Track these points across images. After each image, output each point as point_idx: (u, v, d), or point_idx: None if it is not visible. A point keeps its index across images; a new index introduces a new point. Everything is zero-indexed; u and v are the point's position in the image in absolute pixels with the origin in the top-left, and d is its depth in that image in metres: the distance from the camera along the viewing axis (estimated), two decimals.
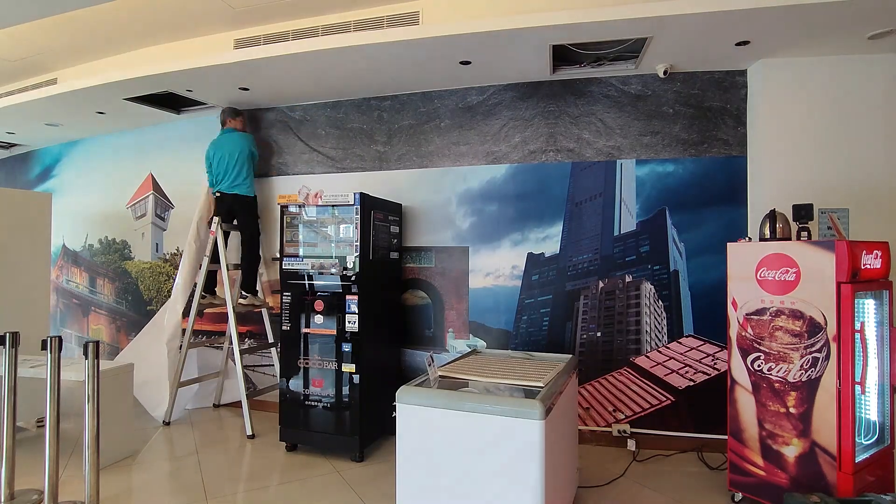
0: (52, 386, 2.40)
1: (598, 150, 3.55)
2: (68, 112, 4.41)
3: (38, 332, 3.33)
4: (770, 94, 3.17)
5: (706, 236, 3.36)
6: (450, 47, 3.10)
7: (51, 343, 2.42)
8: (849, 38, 2.86)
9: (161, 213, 4.77)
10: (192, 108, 4.39)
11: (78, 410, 2.63)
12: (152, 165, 4.82)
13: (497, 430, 1.87)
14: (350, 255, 3.21)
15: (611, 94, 3.53)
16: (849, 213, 3.05)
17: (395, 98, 3.98)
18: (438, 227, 3.86)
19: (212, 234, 3.93)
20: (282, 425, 3.35)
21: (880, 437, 2.46)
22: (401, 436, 2.04)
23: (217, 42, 3.55)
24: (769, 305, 2.48)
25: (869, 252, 2.37)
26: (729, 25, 2.73)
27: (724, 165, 3.36)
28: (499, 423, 1.87)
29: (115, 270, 5.00)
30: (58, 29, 3.43)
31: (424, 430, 2.01)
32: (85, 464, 2.37)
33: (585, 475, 2.90)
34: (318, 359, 3.26)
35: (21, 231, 3.79)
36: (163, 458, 3.27)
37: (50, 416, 2.39)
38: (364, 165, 4.06)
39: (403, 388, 2.09)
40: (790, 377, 2.40)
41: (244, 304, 3.95)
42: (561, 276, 3.59)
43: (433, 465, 1.98)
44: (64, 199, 5.22)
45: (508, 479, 1.86)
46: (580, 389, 3.44)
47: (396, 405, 2.06)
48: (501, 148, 3.73)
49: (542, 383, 2.13)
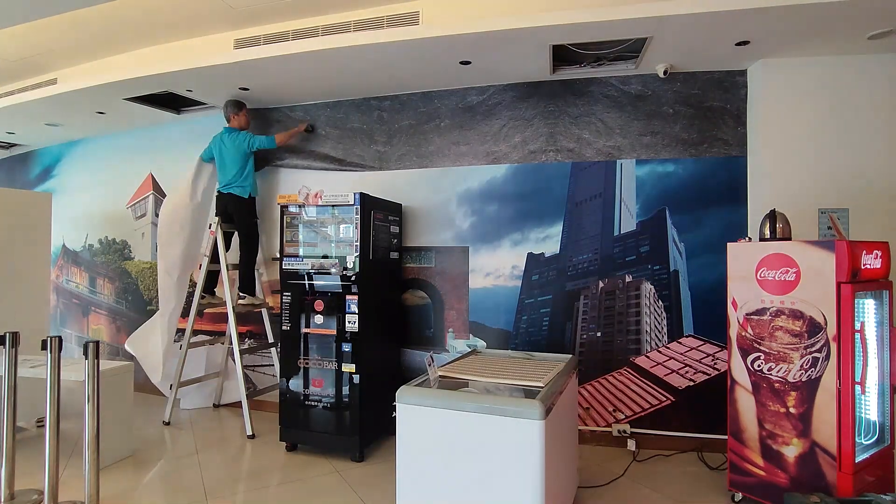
0: (52, 386, 2.41)
1: (598, 150, 3.55)
2: (68, 112, 4.41)
3: (38, 332, 3.34)
4: (770, 94, 3.17)
5: (706, 236, 3.36)
6: (450, 47, 3.10)
7: (51, 343, 2.42)
8: (849, 38, 2.86)
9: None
10: (192, 108, 4.39)
11: (78, 410, 2.63)
12: (152, 165, 4.82)
13: (497, 431, 1.87)
14: (350, 255, 3.21)
15: (611, 94, 3.53)
16: (849, 213, 3.05)
17: (395, 98, 3.98)
18: (438, 227, 3.86)
19: (211, 234, 3.93)
20: (282, 425, 3.35)
21: (880, 437, 2.46)
22: (401, 436, 2.05)
23: (217, 42, 3.55)
24: (769, 305, 2.48)
25: (869, 252, 2.37)
26: (729, 25, 2.73)
27: (724, 165, 3.36)
28: (499, 424, 1.87)
29: (115, 270, 5.00)
30: (58, 29, 3.43)
31: (424, 430, 2.01)
32: (85, 464, 2.37)
33: (585, 475, 2.90)
34: (318, 359, 3.26)
35: (21, 231, 3.79)
36: (163, 458, 3.27)
37: (50, 416, 2.39)
38: (364, 165, 4.06)
39: (403, 388, 2.09)
40: (790, 377, 2.40)
41: (243, 305, 3.95)
42: (561, 276, 3.59)
43: (433, 465, 1.98)
44: (64, 199, 5.22)
45: (508, 479, 1.86)
46: (580, 389, 3.43)
47: (396, 405, 2.06)
48: (501, 148, 3.73)
49: (542, 383, 2.13)
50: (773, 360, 2.45)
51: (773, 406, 2.46)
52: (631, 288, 3.47)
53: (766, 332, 2.48)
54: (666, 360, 3.40)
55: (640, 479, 2.91)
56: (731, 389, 2.64)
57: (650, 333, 3.43)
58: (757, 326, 2.52)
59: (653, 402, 3.41)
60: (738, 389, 2.60)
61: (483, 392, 2.13)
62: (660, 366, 3.40)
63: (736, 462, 2.61)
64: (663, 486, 2.83)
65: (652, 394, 3.41)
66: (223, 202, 3.96)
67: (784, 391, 2.42)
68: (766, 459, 2.48)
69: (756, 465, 2.52)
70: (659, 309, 3.42)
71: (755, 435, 2.53)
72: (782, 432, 2.43)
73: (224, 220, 3.95)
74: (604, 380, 3.50)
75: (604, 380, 3.50)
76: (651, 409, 3.41)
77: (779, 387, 2.44)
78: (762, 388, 2.50)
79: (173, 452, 3.38)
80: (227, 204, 3.95)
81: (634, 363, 3.45)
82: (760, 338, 2.50)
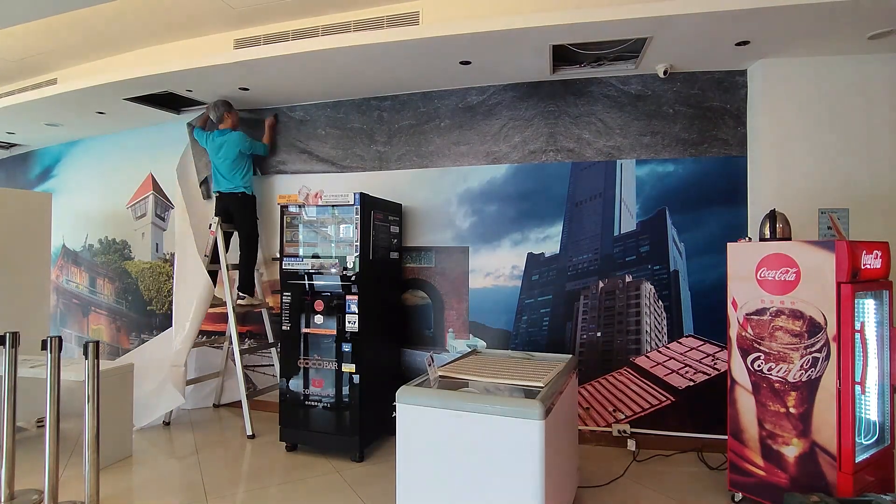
0: (52, 386, 2.41)
1: (598, 150, 3.54)
2: (68, 112, 4.41)
3: (38, 332, 3.34)
4: (770, 94, 3.17)
5: (706, 236, 3.36)
6: (450, 47, 3.10)
7: (51, 343, 2.42)
8: (849, 38, 2.86)
9: (161, 213, 4.77)
10: (192, 108, 4.38)
11: (78, 410, 2.63)
12: (152, 165, 4.82)
13: (497, 431, 1.87)
14: (350, 255, 3.21)
15: (611, 94, 3.53)
16: (849, 213, 3.05)
17: (395, 98, 3.98)
18: (438, 227, 3.86)
19: (212, 234, 3.93)
20: (282, 425, 3.35)
21: (880, 437, 2.46)
22: (401, 436, 2.05)
23: (217, 42, 3.55)
24: (769, 305, 2.48)
25: (869, 252, 2.37)
26: (729, 25, 2.73)
27: (724, 165, 3.36)
28: (499, 424, 1.87)
29: (115, 270, 5.00)
30: (58, 29, 3.43)
31: (424, 430, 2.01)
32: (85, 464, 2.37)
33: (586, 475, 2.90)
34: (318, 359, 3.26)
35: (21, 231, 3.79)
36: (163, 458, 3.27)
37: (50, 416, 2.39)
38: (364, 165, 4.06)
39: (403, 388, 2.09)
40: (790, 377, 2.40)
41: (242, 305, 3.95)
42: (561, 276, 3.59)
43: (433, 465, 1.98)
44: (64, 199, 5.22)
45: (508, 478, 1.86)
46: (580, 389, 3.43)
47: (396, 405, 2.06)
48: (501, 148, 3.73)
49: (542, 383, 2.13)
50: (773, 360, 2.45)
51: (773, 406, 2.46)
52: (631, 288, 3.47)
53: (766, 332, 2.48)
54: (666, 360, 3.40)
55: (640, 479, 2.91)
56: (731, 389, 2.64)
57: (650, 333, 3.43)
58: (757, 326, 2.52)
59: (653, 402, 3.41)
60: (738, 389, 2.60)
61: (483, 392, 2.13)
62: (660, 366, 3.40)
63: (736, 462, 2.61)
64: (663, 486, 2.83)
65: (652, 394, 3.41)
66: (224, 202, 3.96)
67: (784, 391, 2.42)
68: (766, 459, 2.48)
69: (756, 465, 2.52)
70: (659, 309, 3.42)
71: (755, 435, 2.53)
72: (782, 432, 2.43)
73: (224, 219, 3.95)
74: (604, 380, 3.50)
75: (604, 380, 3.50)
76: (651, 409, 3.41)
77: (779, 387, 2.44)
78: (762, 388, 2.50)
79: (173, 452, 3.38)
80: (229, 203, 3.95)
81: (634, 363, 3.45)
82: (760, 338, 2.50)
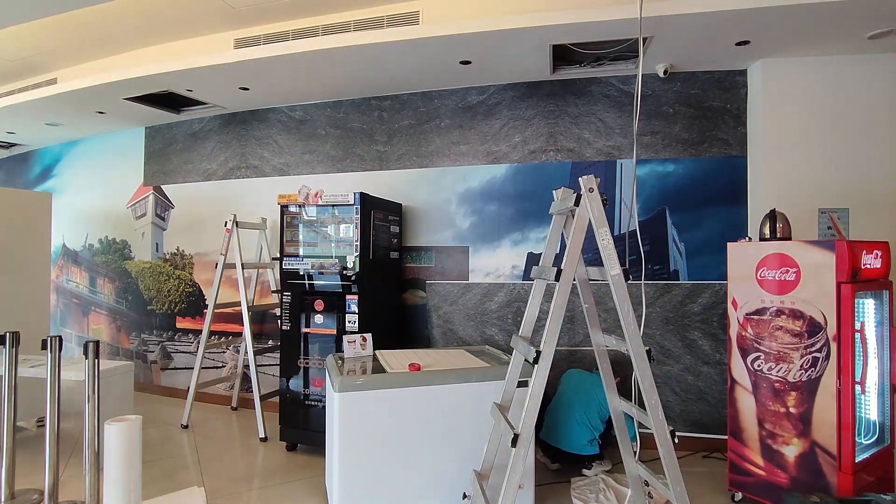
0: (52, 386, 2.40)
1: (598, 149, 3.54)
2: (68, 112, 4.41)
3: (38, 332, 3.33)
4: (770, 94, 3.17)
5: (706, 236, 3.36)
6: (450, 47, 3.10)
7: (51, 343, 2.42)
8: (849, 38, 2.86)
9: (161, 212, 4.77)
10: (192, 108, 4.39)
11: (78, 410, 2.63)
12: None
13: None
14: (350, 255, 3.21)
15: (611, 93, 3.53)
16: (849, 213, 3.05)
17: (395, 98, 3.98)
18: (438, 226, 3.85)
19: (227, 232, 3.86)
20: (282, 425, 3.34)
21: (880, 437, 2.46)
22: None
23: (217, 42, 3.55)
24: (769, 305, 2.48)
25: (869, 252, 2.37)
26: (729, 25, 2.73)
27: (724, 165, 3.36)
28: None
29: (116, 270, 5.00)
30: (58, 29, 3.43)
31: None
32: (85, 464, 2.37)
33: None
34: (319, 358, 3.26)
35: (21, 231, 3.79)
36: (163, 458, 3.27)
37: (50, 416, 2.39)
38: (364, 165, 4.06)
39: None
40: (790, 377, 2.40)
41: (261, 305, 3.85)
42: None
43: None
44: (64, 199, 5.22)
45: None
46: None
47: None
48: (501, 148, 3.72)
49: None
50: (773, 360, 2.45)
51: (773, 406, 2.46)
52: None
53: (766, 331, 2.48)
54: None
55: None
56: (731, 389, 2.64)
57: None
58: (757, 326, 2.52)
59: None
60: (738, 389, 2.60)
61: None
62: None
63: (736, 462, 2.61)
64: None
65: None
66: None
67: (784, 391, 2.42)
68: (766, 459, 2.48)
69: (756, 465, 2.52)
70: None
71: (755, 435, 2.53)
72: (782, 432, 2.43)
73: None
74: None
75: None
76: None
77: (779, 387, 2.44)
78: (762, 387, 2.50)
79: (174, 452, 3.37)
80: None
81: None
82: (760, 338, 2.50)
